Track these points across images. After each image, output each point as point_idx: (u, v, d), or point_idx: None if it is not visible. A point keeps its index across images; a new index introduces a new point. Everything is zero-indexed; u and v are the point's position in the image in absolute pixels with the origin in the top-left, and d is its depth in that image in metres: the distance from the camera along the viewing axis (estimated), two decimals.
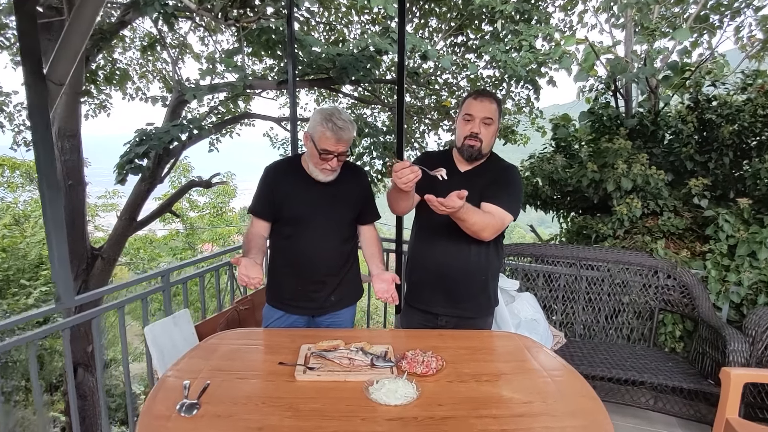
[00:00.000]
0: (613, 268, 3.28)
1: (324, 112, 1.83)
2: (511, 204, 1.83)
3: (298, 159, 2.00)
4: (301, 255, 1.96)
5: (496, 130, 1.90)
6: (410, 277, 2.10)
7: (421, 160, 1.97)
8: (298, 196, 1.93)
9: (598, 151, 3.52)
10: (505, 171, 1.93)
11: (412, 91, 9.25)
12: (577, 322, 3.34)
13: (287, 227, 1.96)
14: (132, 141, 4.44)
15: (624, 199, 3.23)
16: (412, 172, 1.53)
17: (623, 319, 3.25)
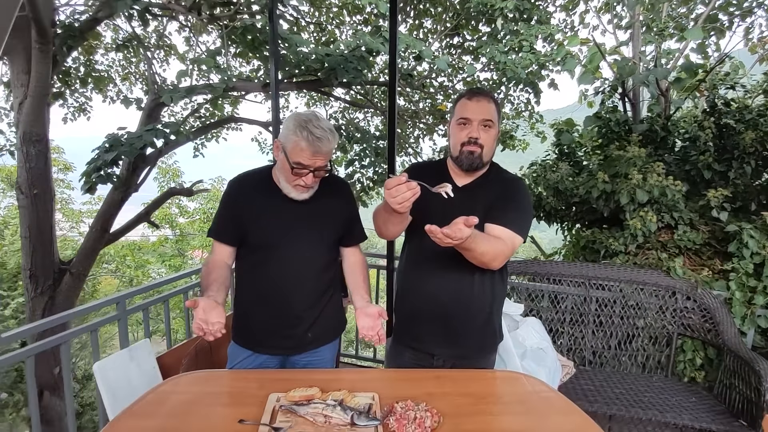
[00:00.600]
0: (626, 289, 3.03)
1: (299, 118, 1.57)
2: (521, 224, 1.57)
3: (268, 171, 1.73)
4: (272, 286, 1.70)
5: (496, 134, 1.66)
6: (400, 308, 1.83)
7: (412, 173, 1.71)
8: (268, 215, 1.67)
9: (609, 160, 3.28)
10: (512, 184, 1.68)
11: (406, 95, 9.03)
12: (586, 348, 3.08)
13: (255, 253, 1.70)
14: (100, 147, 4.15)
15: (637, 212, 2.99)
16: (410, 189, 1.28)
17: (638, 344, 3.00)
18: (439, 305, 1.68)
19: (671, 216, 3.29)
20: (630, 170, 2.99)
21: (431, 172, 1.74)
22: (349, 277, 1.84)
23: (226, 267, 1.70)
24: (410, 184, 1.28)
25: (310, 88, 6.55)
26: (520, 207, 1.61)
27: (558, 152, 4.68)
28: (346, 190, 1.85)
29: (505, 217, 1.56)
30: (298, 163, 1.56)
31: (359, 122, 9.82)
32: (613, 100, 4.29)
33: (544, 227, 4.32)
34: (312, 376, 1.70)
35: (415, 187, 1.28)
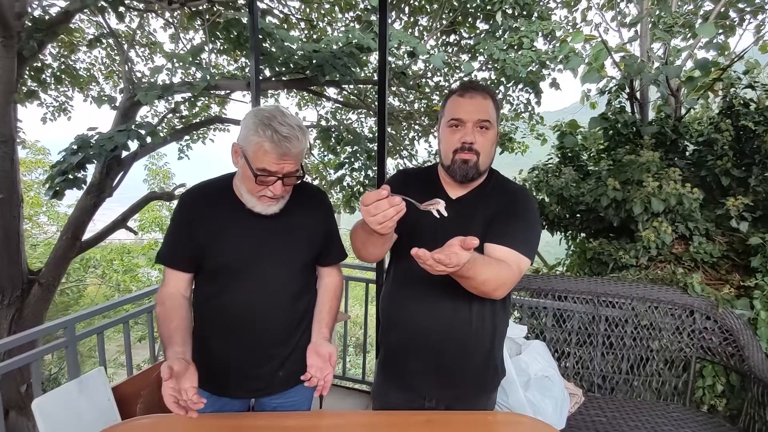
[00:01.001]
0: (638, 307, 2.79)
1: (261, 115, 1.32)
2: (528, 244, 1.33)
3: (228, 182, 1.47)
4: (235, 319, 1.46)
5: (495, 136, 1.41)
6: (386, 340, 1.58)
7: (398, 183, 1.46)
8: (229, 234, 1.42)
9: (619, 165, 3.04)
10: (516, 196, 1.43)
11: (400, 95, 8.80)
12: (594, 372, 2.83)
13: (215, 280, 1.45)
14: (67, 149, 3.87)
15: (651, 222, 2.74)
16: (392, 205, 1.03)
17: (652, 369, 2.76)
18: (431, 340, 1.43)
19: (686, 226, 3.06)
20: (643, 177, 2.75)
21: (420, 182, 1.49)
22: (318, 299, 1.60)
23: (185, 304, 1.45)
24: (393, 200, 1.03)
25: (300, 88, 6.30)
26: (526, 223, 1.37)
27: (560, 156, 4.45)
28: (323, 202, 1.60)
29: (508, 236, 1.31)
30: (263, 169, 1.31)
31: (352, 123, 9.58)
32: (620, 101, 4.06)
33: (545, 236, 4.09)
34: (284, 422, 1.48)
35: (399, 203, 1.03)
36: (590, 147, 4.18)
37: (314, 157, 10.36)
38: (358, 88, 8.34)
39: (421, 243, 1.44)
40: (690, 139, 3.86)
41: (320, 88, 7.15)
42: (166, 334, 1.36)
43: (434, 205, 1.08)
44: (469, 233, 1.37)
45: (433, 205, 1.08)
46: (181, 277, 1.45)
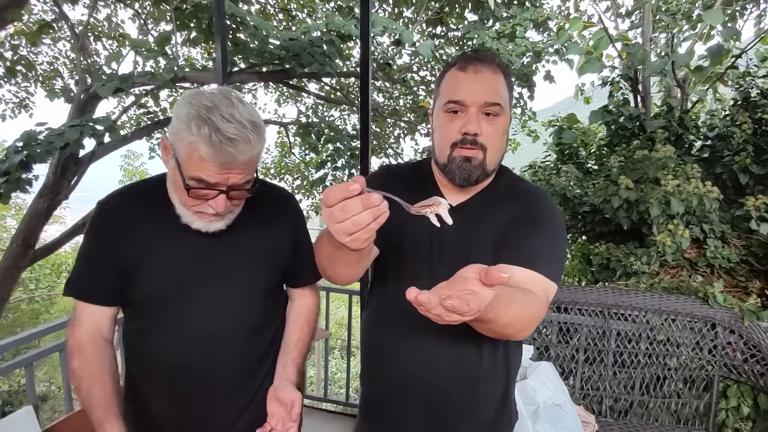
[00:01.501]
0: (653, 320, 2.54)
1: (198, 102, 1.00)
2: (555, 264, 1.04)
3: (161, 186, 1.14)
4: (175, 364, 1.14)
5: (507, 123, 1.10)
6: (367, 380, 1.27)
7: (380, 183, 1.15)
8: (161, 257, 1.11)
9: (632, 162, 2.78)
10: (534, 199, 1.13)
11: (385, 90, 8.50)
12: (606, 394, 2.57)
13: (146, 316, 1.13)
14: (11, 147, 3.47)
15: (666, 225, 2.49)
16: (367, 207, 0.67)
17: (670, 389, 2.50)
18: (428, 390, 1.12)
19: (701, 229, 2.81)
20: (660, 175, 2.48)
21: (408, 183, 1.18)
22: (288, 325, 1.29)
23: (110, 352, 1.12)
24: (369, 199, 0.67)
25: (277, 81, 5.95)
26: (549, 235, 1.06)
27: (558, 152, 4.19)
28: (289, 209, 1.28)
29: (529, 254, 1.01)
30: (198, 179, 0.99)
31: (335, 120, 9.24)
32: (623, 93, 3.81)
33: None
34: None
35: (378, 205, 0.68)
36: (590, 143, 3.93)
37: (295, 156, 10.01)
38: (340, 83, 8.02)
39: (412, 263, 1.11)
40: (696, 133, 3.63)
41: (300, 82, 6.81)
42: (87, 403, 1.05)
43: (432, 207, 0.74)
44: (474, 251, 1.07)
45: (430, 206, 0.74)
46: (102, 313, 1.12)
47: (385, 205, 0.67)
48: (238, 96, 1.04)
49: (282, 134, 9.65)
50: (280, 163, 10.23)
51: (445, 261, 1.08)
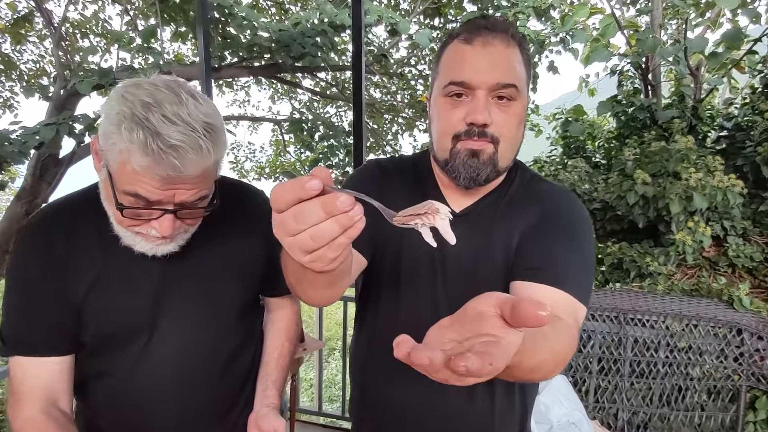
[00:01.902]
0: (673, 325, 2.36)
1: (133, 95, 0.79)
2: (585, 281, 0.85)
3: (96, 201, 0.94)
4: (141, 410, 0.97)
5: (523, 110, 0.89)
6: (360, 421, 1.09)
7: (370, 182, 0.96)
8: (110, 287, 0.91)
9: (648, 154, 2.59)
10: (558, 202, 0.93)
11: (382, 85, 8.31)
12: (622, 406, 2.39)
13: (99, 360, 0.95)
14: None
15: (686, 222, 2.30)
16: (332, 216, 0.44)
17: (692, 401, 2.33)
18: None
19: (722, 226, 2.63)
20: (680, 168, 2.30)
21: (404, 181, 0.98)
22: (266, 342, 1.15)
23: (60, 416, 0.90)
24: (334, 200, 0.44)
25: (268, 75, 5.75)
26: (579, 245, 0.87)
27: (564, 146, 4.01)
28: (258, 209, 1.08)
29: (555, 269, 0.82)
30: (135, 194, 0.80)
31: (331, 117, 9.05)
32: (633, 82, 3.63)
33: None
34: None
35: (346, 210, 0.44)
36: (599, 136, 3.74)
37: (290, 154, 9.82)
38: (335, 78, 7.83)
39: (409, 282, 0.93)
40: (710, 123, 3.44)
41: (293, 77, 6.62)
42: None
43: (425, 217, 0.51)
44: (484, 268, 0.87)
45: (421, 215, 0.51)
46: (51, 371, 0.90)
47: (358, 210, 0.45)
48: (191, 89, 0.83)
49: (277, 132, 9.46)
50: (275, 161, 10.04)
51: (450, 280, 0.90)
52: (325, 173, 0.45)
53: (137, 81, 0.83)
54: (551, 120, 4.69)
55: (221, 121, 0.86)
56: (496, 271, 0.87)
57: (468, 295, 0.93)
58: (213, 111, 0.84)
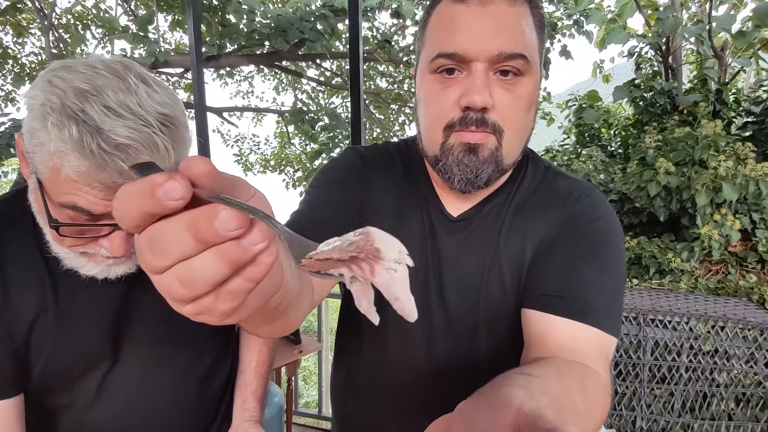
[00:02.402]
0: (698, 327, 2.20)
1: (64, 82, 0.65)
2: (615, 306, 0.69)
3: (29, 218, 0.79)
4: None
5: (536, 86, 0.71)
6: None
7: (345, 169, 0.82)
8: (59, 316, 0.78)
9: (671, 141, 2.40)
10: (580, 204, 0.75)
11: (388, 75, 8.13)
12: (641, 415, 2.23)
13: (51, 399, 0.83)
14: None
15: (712, 215, 2.12)
16: (209, 245, 0.27)
17: (718, 409, 2.17)
18: None
19: (750, 219, 2.44)
20: (707, 155, 2.11)
21: (391, 175, 0.83)
22: (242, 348, 1.04)
23: None
24: (209, 215, 0.26)
25: (268, 64, 5.61)
26: (609, 261, 0.70)
27: (578, 134, 3.82)
28: None
29: (578, 296, 0.66)
30: (73, 206, 0.66)
31: (336, 108, 8.89)
32: (652, 65, 3.43)
33: None
34: None
35: (234, 233, 0.27)
36: (614, 123, 3.56)
37: (295, 146, 9.69)
38: (340, 68, 7.67)
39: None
40: (736, 108, 3.23)
41: (297, 66, 6.47)
42: None
43: (356, 263, 0.32)
44: (487, 292, 0.73)
45: (348, 261, 0.32)
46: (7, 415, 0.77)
47: (258, 235, 0.28)
48: (142, 73, 0.68)
49: (281, 124, 9.33)
50: (281, 154, 9.92)
51: (449, 306, 0.75)
52: (203, 167, 0.27)
53: (69, 62, 0.67)
54: (563, 108, 4.49)
55: (183, 111, 0.71)
56: (504, 294, 0.72)
57: (468, 328, 0.74)
58: (171, 100, 0.68)
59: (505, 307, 0.72)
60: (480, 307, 0.73)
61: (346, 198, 0.76)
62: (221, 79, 7.76)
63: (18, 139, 0.71)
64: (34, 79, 0.70)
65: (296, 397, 2.90)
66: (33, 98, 0.65)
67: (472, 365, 0.74)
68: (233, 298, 0.29)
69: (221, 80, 7.73)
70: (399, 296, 0.30)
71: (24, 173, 0.74)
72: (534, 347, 0.64)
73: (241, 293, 0.29)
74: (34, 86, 0.67)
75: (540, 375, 0.47)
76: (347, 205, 0.76)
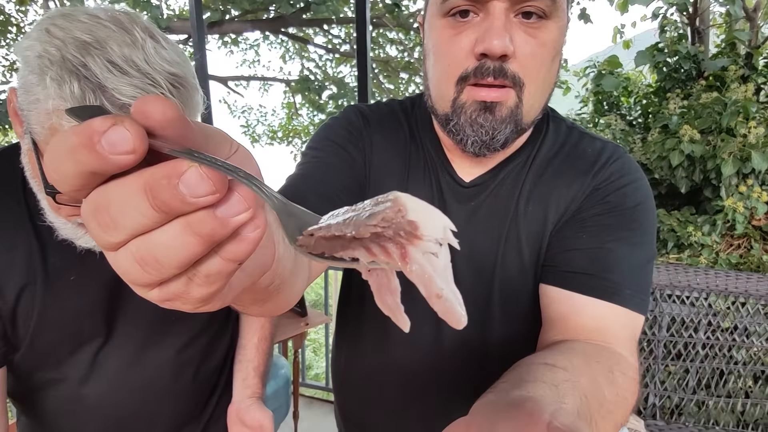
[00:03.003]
0: (717, 303, 2.14)
1: (63, 32, 0.58)
2: (645, 282, 0.64)
3: (19, 181, 0.73)
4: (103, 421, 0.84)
5: (562, 33, 0.63)
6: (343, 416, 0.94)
7: (342, 127, 0.76)
8: (48, 295, 0.74)
9: (697, 108, 2.28)
10: (609, 168, 0.68)
11: (399, 42, 7.90)
12: (655, 392, 2.19)
13: (43, 373, 0.79)
14: None
15: (738, 187, 2.02)
16: (173, 210, 0.21)
17: (735, 387, 2.13)
18: None
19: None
20: (735, 123, 2.00)
21: (393, 137, 0.77)
22: (242, 322, 1.01)
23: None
24: (176, 174, 0.20)
25: (273, 29, 5.46)
26: (639, 234, 0.65)
27: (596, 103, 3.68)
28: None
29: (609, 274, 0.61)
30: None
31: (345, 77, 8.72)
32: (677, 27, 3.25)
33: None
34: None
35: (213, 193, 0.21)
36: (635, 91, 3.41)
37: (303, 117, 9.57)
38: (349, 36, 7.47)
39: (405, 285, 0.73)
40: (766, 73, 3.07)
41: (304, 33, 6.30)
42: None
43: (378, 244, 0.22)
44: (504, 267, 0.66)
45: (369, 238, 0.22)
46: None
47: (237, 203, 0.21)
48: (149, 26, 0.62)
49: (288, 94, 9.20)
50: (288, 124, 9.82)
51: (460, 282, 0.69)
52: (163, 110, 0.21)
53: (69, 10, 0.61)
54: (581, 76, 4.32)
55: (193, 72, 0.65)
56: (522, 268, 0.66)
57: (481, 305, 0.68)
58: (180, 58, 0.63)
59: (522, 282, 0.66)
60: (495, 283, 0.67)
61: (347, 160, 0.70)
62: (226, 47, 7.61)
63: (10, 94, 0.66)
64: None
65: (304, 369, 2.91)
66: (29, 49, 0.59)
67: (485, 346, 0.69)
68: (210, 282, 0.23)
69: (226, 48, 7.58)
70: (443, 292, 0.22)
71: (17, 133, 0.69)
72: (555, 328, 0.59)
73: (220, 276, 0.23)
74: (29, 36, 0.61)
75: (566, 367, 0.41)
76: (349, 167, 0.69)
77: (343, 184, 0.66)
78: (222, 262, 0.22)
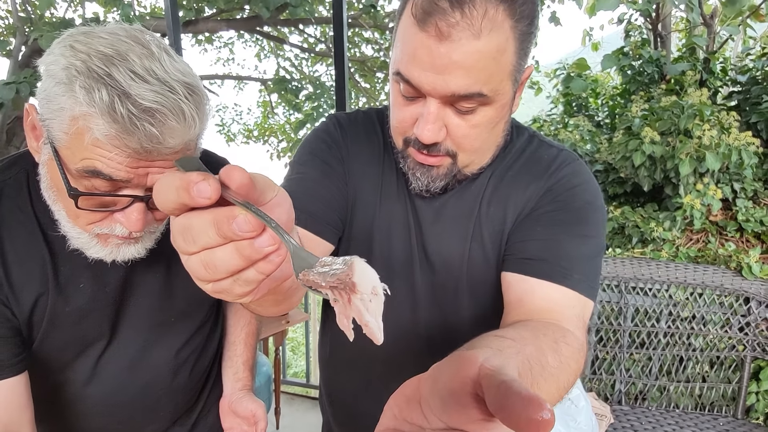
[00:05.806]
0: (677, 294, 2.27)
1: (86, 47, 0.63)
2: (593, 270, 0.72)
3: (26, 193, 0.77)
4: (102, 419, 0.89)
5: (502, 108, 0.68)
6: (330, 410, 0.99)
7: (322, 141, 0.82)
8: (60, 304, 0.77)
9: (657, 110, 2.42)
10: (562, 172, 0.76)
11: (373, 41, 7.95)
12: (620, 379, 2.32)
13: (50, 377, 0.83)
14: None
15: (695, 184, 2.17)
16: (229, 240, 0.32)
17: (694, 372, 2.27)
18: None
19: (731, 188, 2.51)
20: (692, 125, 2.14)
21: (370, 145, 0.83)
22: (230, 319, 1.06)
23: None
24: (228, 218, 0.31)
25: (249, 28, 5.44)
26: (588, 228, 0.72)
27: (565, 104, 3.83)
28: None
29: (558, 261, 0.68)
30: (94, 171, 0.65)
31: (320, 76, 8.72)
32: (641, 32, 3.41)
33: None
34: None
35: (248, 234, 0.32)
36: (602, 93, 3.56)
37: (279, 116, 9.53)
38: (325, 34, 7.48)
39: (384, 271, 0.76)
40: (723, 77, 3.26)
41: (279, 32, 6.29)
42: None
43: (334, 291, 0.35)
44: (470, 259, 0.75)
45: (327, 287, 0.35)
46: (7, 397, 0.74)
47: (267, 239, 0.33)
48: (162, 43, 0.67)
49: (264, 92, 9.14)
50: (264, 123, 9.75)
51: (431, 272, 0.78)
52: (240, 178, 0.32)
53: (88, 29, 0.66)
54: (551, 77, 4.48)
55: (199, 81, 0.70)
56: (486, 260, 0.74)
57: (451, 293, 0.76)
58: (190, 71, 0.68)
59: (487, 273, 0.74)
60: (463, 274, 0.75)
61: (329, 173, 0.77)
62: (200, 45, 7.53)
63: (29, 110, 0.69)
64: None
65: (284, 367, 2.95)
66: (53, 63, 0.64)
67: (456, 331, 0.76)
68: (248, 284, 0.35)
69: (200, 46, 7.50)
70: (368, 323, 0.35)
71: (31, 148, 0.72)
72: (514, 310, 0.66)
73: (254, 281, 0.35)
74: (51, 52, 0.65)
75: (514, 337, 0.48)
76: (330, 180, 0.76)
77: (326, 199, 0.73)
78: (256, 273, 0.34)
